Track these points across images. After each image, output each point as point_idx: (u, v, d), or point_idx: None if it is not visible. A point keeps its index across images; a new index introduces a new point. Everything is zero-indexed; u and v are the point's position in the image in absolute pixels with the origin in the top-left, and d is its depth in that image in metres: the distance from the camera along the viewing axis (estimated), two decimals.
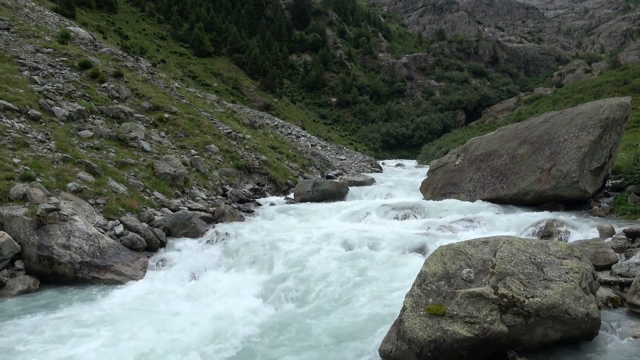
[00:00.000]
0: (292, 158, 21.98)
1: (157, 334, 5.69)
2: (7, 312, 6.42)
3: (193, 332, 5.71)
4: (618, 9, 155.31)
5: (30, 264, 7.59)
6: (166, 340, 5.50)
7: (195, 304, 6.71)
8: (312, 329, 5.76)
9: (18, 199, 8.32)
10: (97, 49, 22.51)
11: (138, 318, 6.16)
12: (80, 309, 6.53)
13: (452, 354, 4.42)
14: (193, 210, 10.87)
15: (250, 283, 7.54)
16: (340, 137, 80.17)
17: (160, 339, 5.53)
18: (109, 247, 8.23)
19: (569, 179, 10.54)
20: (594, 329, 4.75)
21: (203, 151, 15.90)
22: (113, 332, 5.70)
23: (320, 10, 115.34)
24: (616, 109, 11.23)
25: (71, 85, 15.38)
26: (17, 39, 18.13)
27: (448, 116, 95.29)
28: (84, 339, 5.51)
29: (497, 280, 4.69)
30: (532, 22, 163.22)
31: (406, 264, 7.69)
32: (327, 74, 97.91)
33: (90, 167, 10.39)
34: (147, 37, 71.64)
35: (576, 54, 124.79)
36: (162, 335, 5.65)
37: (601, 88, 44.85)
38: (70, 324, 5.95)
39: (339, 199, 14.66)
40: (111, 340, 5.48)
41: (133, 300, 6.93)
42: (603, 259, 6.59)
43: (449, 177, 13.41)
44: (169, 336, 5.61)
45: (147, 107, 17.05)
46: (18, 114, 11.93)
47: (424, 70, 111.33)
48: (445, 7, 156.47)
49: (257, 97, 73.44)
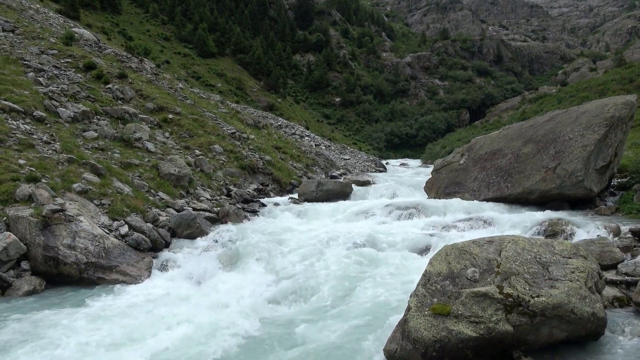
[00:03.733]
0: (296, 158, 21.98)
1: (160, 333, 5.70)
2: (13, 312, 6.45)
3: (196, 331, 5.72)
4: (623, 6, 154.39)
5: (36, 264, 7.63)
6: (168, 339, 5.51)
7: (199, 304, 6.71)
8: (316, 328, 5.76)
9: (24, 200, 8.36)
10: (101, 50, 22.59)
11: (142, 318, 6.18)
12: (86, 309, 6.55)
13: (457, 353, 4.41)
14: (197, 211, 10.89)
15: (254, 283, 7.54)
16: (344, 136, 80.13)
17: (161, 338, 5.54)
18: (114, 248, 8.26)
19: (574, 177, 10.48)
20: (600, 329, 4.73)
21: (207, 151, 15.92)
22: (117, 331, 5.72)
23: (323, 10, 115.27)
24: (622, 107, 11.17)
25: (76, 86, 15.45)
26: (22, 41, 18.23)
27: (452, 115, 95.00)
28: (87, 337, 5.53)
29: (502, 280, 4.67)
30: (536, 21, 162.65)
31: (411, 264, 7.68)
32: (330, 73, 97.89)
33: (95, 168, 10.43)
34: (151, 38, 71.90)
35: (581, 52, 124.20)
36: (164, 334, 5.67)
37: (606, 86, 44.61)
38: (75, 323, 5.97)
39: (343, 198, 14.65)
40: (114, 339, 5.50)
41: (138, 301, 6.95)
42: (609, 258, 6.56)
43: (454, 177, 13.38)
44: (170, 335, 5.62)
45: (152, 108, 17.10)
46: (23, 116, 12.00)
47: (427, 69, 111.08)
48: (449, 6, 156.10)
49: (260, 97, 73.55)
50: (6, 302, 6.88)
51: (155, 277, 8.13)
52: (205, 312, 6.33)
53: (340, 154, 36.37)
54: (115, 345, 5.41)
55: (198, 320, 6.06)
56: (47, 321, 6.11)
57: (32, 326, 5.95)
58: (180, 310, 6.44)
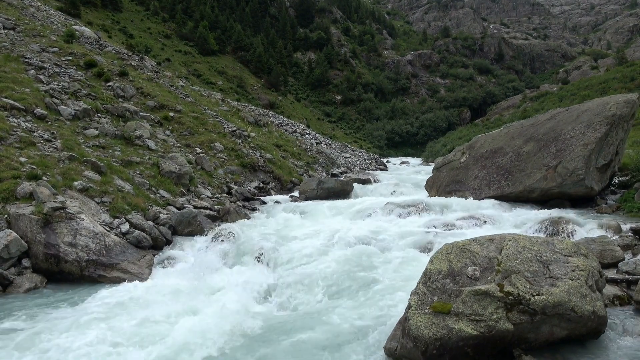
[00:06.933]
0: (296, 156, 21.98)
1: (161, 331, 5.71)
2: (14, 309, 6.47)
3: (196, 328, 5.72)
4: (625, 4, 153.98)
5: (37, 262, 7.64)
6: (168, 336, 5.52)
7: (200, 301, 6.72)
8: (317, 327, 5.77)
9: (25, 197, 8.37)
10: (102, 48, 22.58)
11: (143, 315, 6.19)
12: (87, 307, 6.57)
13: (457, 351, 4.42)
14: (198, 209, 10.90)
15: (255, 281, 7.54)
16: (344, 135, 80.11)
17: (162, 336, 5.55)
18: (115, 246, 8.27)
19: (575, 176, 10.47)
20: (600, 327, 4.73)
21: (208, 149, 15.93)
22: (118, 329, 5.73)
23: (324, 8, 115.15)
24: (623, 106, 11.15)
25: (77, 84, 15.45)
26: (23, 39, 18.23)
27: (453, 114, 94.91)
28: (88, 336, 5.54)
29: (503, 278, 4.67)
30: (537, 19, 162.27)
31: (411, 262, 7.68)
32: (331, 71, 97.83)
33: (96, 166, 10.44)
34: (151, 35, 71.88)
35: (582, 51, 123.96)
36: (165, 332, 5.68)
37: (608, 85, 44.52)
38: (75, 321, 5.98)
39: (344, 196, 14.64)
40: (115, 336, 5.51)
41: (139, 298, 6.96)
42: (610, 257, 6.55)
43: (454, 175, 13.37)
44: (171, 333, 5.62)
45: (152, 106, 17.10)
46: (24, 113, 12.01)
47: (428, 67, 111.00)
48: (450, 4, 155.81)
49: (261, 95, 73.52)
50: (7, 299, 6.89)
51: (156, 274, 8.14)
52: (206, 310, 6.33)
53: (341, 152, 36.35)
54: (115, 343, 5.41)
55: (199, 317, 6.07)
56: (47, 319, 6.12)
57: (32, 324, 5.96)
58: (181, 308, 6.45)
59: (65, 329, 5.77)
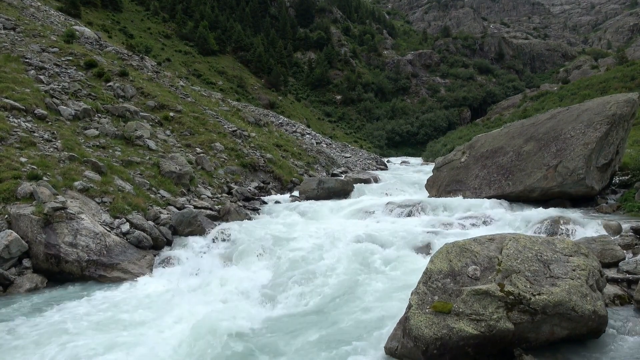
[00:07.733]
0: (297, 156, 21.98)
1: (161, 330, 5.71)
2: (15, 309, 6.47)
3: (196, 328, 5.72)
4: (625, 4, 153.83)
5: (38, 262, 7.65)
6: (168, 336, 5.52)
7: (200, 301, 6.72)
8: (317, 326, 5.77)
9: (25, 197, 8.38)
10: (102, 48, 22.58)
11: (143, 315, 6.20)
12: (87, 306, 6.57)
13: (458, 351, 4.42)
14: (199, 209, 10.90)
15: (255, 281, 7.55)
16: (345, 134, 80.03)
17: (162, 335, 5.55)
18: (116, 246, 8.28)
19: (575, 175, 10.47)
20: (601, 327, 4.73)
21: (208, 149, 15.93)
22: (118, 328, 5.73)
23: (324, 8, 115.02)
24: (623, 105, 11.14)
25: (77, 84, 15.45)
26: (23, 39, 18.23)
27: (453, 113, 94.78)
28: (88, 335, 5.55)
29: (503, 278, 4.67)
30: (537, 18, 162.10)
31: (412, 262, 7.68)
32: (331, 71, 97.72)
33: (96, 166, 10.45)
34: (152, 35, 71.82)
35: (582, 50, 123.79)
36: (164, 331, 5.68)
37: (608, 84, 44.46)
38: (76, 321, 5.98)
39: (344, 196, 14.64)
40: (115, 336, 5.51)
41: (139, 298, 6.97)
42: (610, 256, 6.56)
43: (455, 175, 13.37)
44: (171, 332, 5.63)
45: (153, 106, 17.11)
46: (25, 114, 12.01)
47: (429, 67, 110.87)
48: (450, 3, 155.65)
49: (261, 95, 73.47)
50: (8, 299, 6.90)
51: (157, 274, 8.15)
52: (205, 309, 6.33)
53: (341, 152, 36.34)
54: (116, 343, 5.42)
55: (198, 317, 6.06)
56: (47, 319, 6.12)
57: (32, 324, 5.97)
58: (181, 308, 6.45)
59: (65, 329, 5.78)
